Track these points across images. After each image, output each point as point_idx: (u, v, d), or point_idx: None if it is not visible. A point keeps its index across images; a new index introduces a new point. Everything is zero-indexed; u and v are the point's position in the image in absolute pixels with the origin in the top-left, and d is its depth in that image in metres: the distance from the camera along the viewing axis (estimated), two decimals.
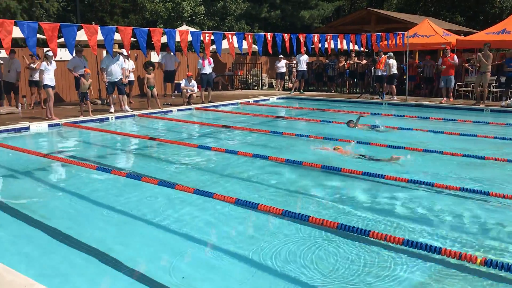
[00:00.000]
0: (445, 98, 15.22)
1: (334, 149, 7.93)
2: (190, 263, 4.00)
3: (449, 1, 34.11)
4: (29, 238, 4.46)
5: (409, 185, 5.87)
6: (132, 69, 15.27)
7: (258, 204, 4.79)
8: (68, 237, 4.38)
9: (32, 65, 13.52)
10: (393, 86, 16.38)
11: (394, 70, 16.20)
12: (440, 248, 3.70)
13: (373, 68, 17.21)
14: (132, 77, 15.33)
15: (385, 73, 16.47)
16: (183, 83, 15.30)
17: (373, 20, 22.72)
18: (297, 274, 3.66)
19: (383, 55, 16.20)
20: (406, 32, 15.93)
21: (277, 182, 6.34)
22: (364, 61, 19.01)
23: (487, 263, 3.47)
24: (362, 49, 16.33)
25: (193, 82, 15.11)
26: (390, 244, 3.96)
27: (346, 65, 19.50)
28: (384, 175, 6.01)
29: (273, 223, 4.77)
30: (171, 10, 23.76)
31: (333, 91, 20.07)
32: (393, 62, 16.14)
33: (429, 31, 17.86)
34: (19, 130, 10.22)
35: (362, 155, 7.53)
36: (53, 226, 4.69)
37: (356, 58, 19.33)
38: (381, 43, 15.80)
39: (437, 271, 3.70)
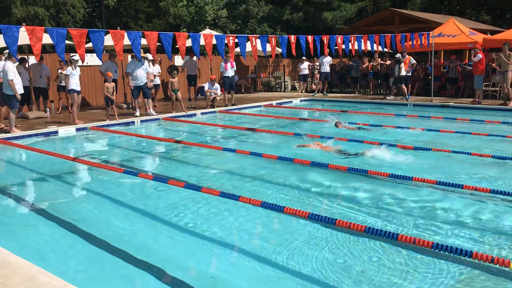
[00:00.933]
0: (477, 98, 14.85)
1: (317, 144, 8.36)
2: (217, 264, 4.02)
3: None
4: (59, 240, 4.56)
5: (442, 188, 5.79)
6: (158, 73, 15.47)
7: (284, 207, 4.80)
8: (96, 239, 4.46)
9: (60, 70, 13.85)
10: (403, 86, 16.32)
11: (403, 72, 16.20)
12: (471, 251, 3.64)
13: (397, 68, 17.02)
14: (157, 81, 15.53)
15: (410, 74, 16.27)
16: (206, 86, 15.42)
17: (396, 20, 22.49)
18: (324, 276, 3.65)
19: (407, 56, 16.02)
20: (431, 32, 15.72)
21: (302, 184, 6.33)
22: (388, 62, 18.82)
23: None
24: (386, 50, 16.18)
25: (217, 85, 15.22)
26: (419, 247, 3.92)
27: (369, 66, 19.34)
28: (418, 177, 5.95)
29: (299, 226, 4.76)
30: (194, 14, 23.97)
31: (356, 93, 19.93)
32: (401, 64, 16.18)
33: (455, 30, 17.58)
34: (48, 134, 10.45)
35: (340, 151, 7.87)
36: (82, 228, 4.78)
37: (379, 59, 19.16)
38: (405, 43, 15.63)
39: (467, 275, 3.64)
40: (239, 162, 7.74)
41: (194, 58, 16.54)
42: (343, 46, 13.29)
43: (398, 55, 15.94)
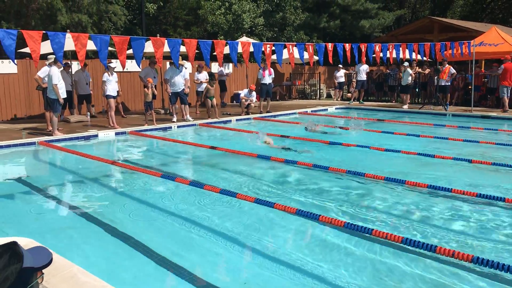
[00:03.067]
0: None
1: (265, 142, 9.33)
2: (251, 270, 4.05)
3: None
4: (99, 241, 4.68)
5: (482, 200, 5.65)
6: (206, 79, 15.49)
7: (320, 215, 4.78)
8: (133, 240, 4.56)
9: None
10: (408, 95, 16.81)
11: (410, 80, 16.49)
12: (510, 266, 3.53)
13: (436, 77, 16.71)
14: (203, 87, 15.52)
15: (449, 83, 15.98)
16: (243, 93, 15.52)
17: (436, 28, 22.09)
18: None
19: (447, 65, 15.71)
20: (472, 41, 15.36)
21: (338, 193, 6.29)
22: (428, 71, 18.49)
23: None
24: (425, 58, 15.92)
25: (253, 93, 15.30)
26: (457, 261, 3.83)
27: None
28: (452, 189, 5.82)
29: (332, 235, 4.73)
30: (231, 22, 24.24)
31: (393, 101, 19.65)
32: (410, 71, 16.46)
33: (497, 39, 17.09)
34: (88, 137, 10.76)
35: (287, 148, 8.90)
36: (120, 229, 4.90)
37: (418, 68, 18.84)
38: (445, 52, 15.33)
39: None
40: (274, 169, 7.75)
41: (230, 65, 16.77)
42: (381, 54, 13.15)
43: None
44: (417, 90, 19.33)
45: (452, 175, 7.04)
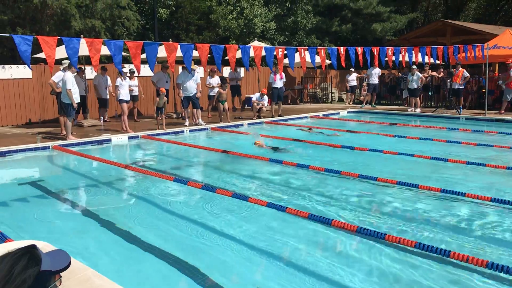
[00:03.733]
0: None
1: (256, 143, 9.76)
2: (263, 273, 4.05)
3: None
4: (112, 244, 4.72)
5: (496, 205, 5.59)
6: (218, 84, 15.56)
7: (332, 219, 4.78)
8: (146, 244, 4.59)
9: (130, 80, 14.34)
10: (417, 99, 16.83)
11: (417, 84, 16.58)
12: None
13: (449, 81, 16.59)
14: (215, 91, 15.59)
15: (462, 87, 15.89)
16: (255, 97, 15.55)
17: (448, 31, 21.95)
18: None
19: (461, 68, 15.60)
20: (485, 44, 15.23)
21: (350, 197, 6.27)
22: (442, 74, 18.37)
23: None
24: (438, 62, 15.84)
25: (265, 97, 15.32)
26: (472, 266, 3.80)
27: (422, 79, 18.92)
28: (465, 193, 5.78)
29: (345, 239, 4.71)
30: (243, 26, 24.33)
31: (406, 105, 19.53)
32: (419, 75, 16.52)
33: (511, 41, 16.93)
34: (101, 141, 10.85)
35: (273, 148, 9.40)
36: (133, 233, 4.93)
37: (430, 71, 18.72)
38: (458, 55, 15.22)
39: None
40: (286, 173, 7.75)
41: (238, 69, 16.86)
42: (393, 58, 13.10)
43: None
44: (430, 93, 19.21)
45: (466, 179, 6.97)
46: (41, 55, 12.87)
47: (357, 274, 3.90)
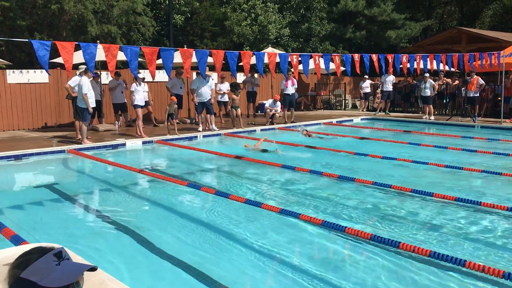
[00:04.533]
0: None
1: (245, 146, 10.27)
2: (275, 280, 4.04)
3: None
4: (126, 248, 4.75)
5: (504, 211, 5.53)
6: (227, 90, 15.65)
7: (346, 227, 4.76)
8: (159, 248, 4.61)
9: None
10: (430, 106, 16.88)
11: (431, 92, 16.59)
12: None
13: (464, 89, 16.47)
14: (226, 98, 15.66)
15: (477, 95, 15.76)
16: (267, 103, 15.57)
17: (464, 39, 21.78)
18: None
19: (475, 76, 15.47)
20: (502, 51, 15.09)
21: (364, 204, 6.24)
22: (457, 81, 18.23)
23: None
24: (453, 69, 15.72)
25: (278, 104, 15.34)
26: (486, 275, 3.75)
27: (435, 86, 18.80)
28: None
29: (358, 247, 4.69)
30: (257, 33, 24.43)
31: (420, 113, 19.40)
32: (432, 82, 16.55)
33: None
34: (116, 146, 10.95)
35: (264, 150, 9.85)
36: (146, 237, 4.95)
37: (445, 78, 18.59)
38: (474, 63, 15.11)
39: None
40: (299, 179, 7.74)
41: (256, 75, 16.89)
42: (408, 65, 13.05)
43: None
44: (445, 101, 19.06)
45: (481, 188, 6.90)
46: (58, 59, 13.05)
47: (369, 281, 3.87)
